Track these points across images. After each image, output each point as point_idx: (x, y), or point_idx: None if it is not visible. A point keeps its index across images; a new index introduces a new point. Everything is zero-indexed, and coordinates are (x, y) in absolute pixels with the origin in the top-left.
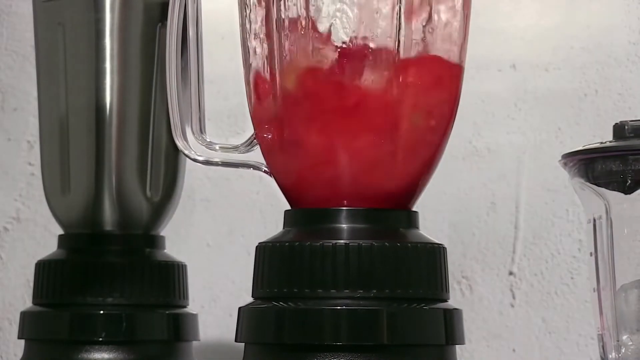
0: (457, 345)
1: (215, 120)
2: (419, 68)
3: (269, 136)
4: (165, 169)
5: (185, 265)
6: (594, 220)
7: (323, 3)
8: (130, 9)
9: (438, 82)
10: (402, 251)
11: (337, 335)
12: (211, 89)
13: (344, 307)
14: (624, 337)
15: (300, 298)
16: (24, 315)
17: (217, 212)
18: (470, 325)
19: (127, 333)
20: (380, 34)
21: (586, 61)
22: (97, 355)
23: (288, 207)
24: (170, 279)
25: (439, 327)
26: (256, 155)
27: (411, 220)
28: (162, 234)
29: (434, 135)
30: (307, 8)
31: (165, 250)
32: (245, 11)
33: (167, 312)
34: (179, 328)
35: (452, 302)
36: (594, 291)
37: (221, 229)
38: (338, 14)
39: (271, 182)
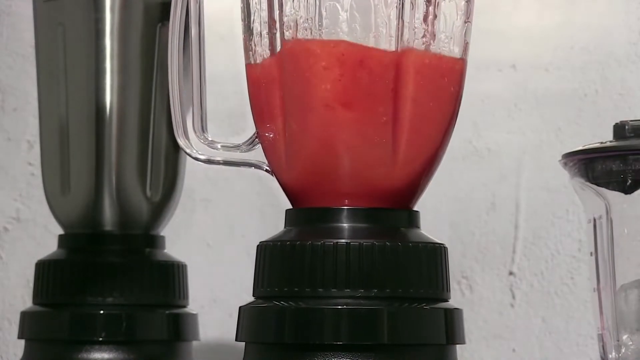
0: (457, 345)
1: (216, 120)
2: (421, 63)
3: (271, 135)
4: (165, 169)
5: (185, 265)
6: (594, 220)
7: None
8: (130, 9)
9: (440, 77)
10: (403, 251)
11: (337, 334)
12: (211, 89)
13: (344, 306)
14: (624, 337)
15: (301, 297)
16: (24, 315)
17: (217, 212)
18: (470, 325)
19: (127, 333)
20: (380, 30)
21: (586, 61)
22: (97, 355)
23: (288, 207)
24: (170, 279)
25: (440, 326)
26: (258, 154)
27: (412, 219)
28: (162, 234)
29: (436, 132)
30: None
31: (165, 250)
32: (248, 9)
33: (167, 312)
34: (179, 328)
35: (452, 302)
36: (594, 291)
37: (221, 229)
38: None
39: (271, 182)
